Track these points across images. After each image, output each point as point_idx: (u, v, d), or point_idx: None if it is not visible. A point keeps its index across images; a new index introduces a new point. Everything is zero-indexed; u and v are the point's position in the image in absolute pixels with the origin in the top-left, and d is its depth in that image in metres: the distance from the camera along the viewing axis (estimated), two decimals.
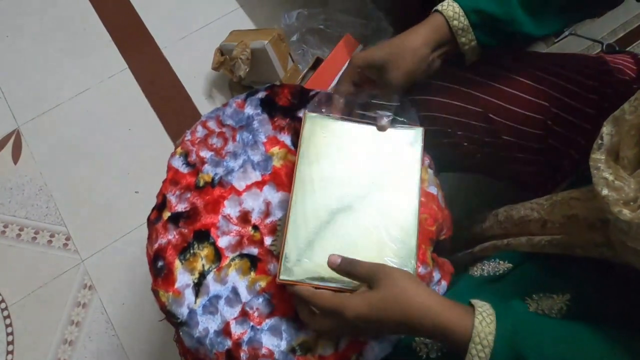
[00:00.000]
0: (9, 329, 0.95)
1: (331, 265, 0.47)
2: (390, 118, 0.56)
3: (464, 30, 0.51)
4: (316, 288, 0.48)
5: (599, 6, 0.57)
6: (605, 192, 0.39)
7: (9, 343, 0.93)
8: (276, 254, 0.54)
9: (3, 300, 0.96)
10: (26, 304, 0.96)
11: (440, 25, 0.51)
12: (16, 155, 1.10)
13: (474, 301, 0.43)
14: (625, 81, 0.58)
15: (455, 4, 0.51)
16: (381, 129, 0.56)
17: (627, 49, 0.85)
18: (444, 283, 0.55)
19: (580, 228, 0.47)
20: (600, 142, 0.41)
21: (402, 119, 0.57)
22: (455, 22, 0.51)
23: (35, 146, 1.10)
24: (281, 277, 0.50)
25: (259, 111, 0.63)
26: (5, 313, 0.96)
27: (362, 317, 0.43)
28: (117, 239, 1.01)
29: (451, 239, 0.59)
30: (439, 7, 0.52)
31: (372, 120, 0.57)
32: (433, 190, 0.58)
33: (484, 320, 0.40)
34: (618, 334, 0.39)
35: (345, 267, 0.47)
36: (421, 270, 0.53)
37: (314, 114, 0.58)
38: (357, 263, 0.47)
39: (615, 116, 0.41)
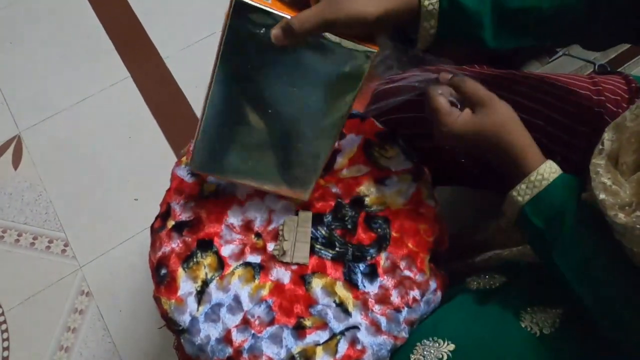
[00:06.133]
0: (5, 335, 0.94)
1: (442, 78, 0.51)
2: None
3: (431, 14, 0.46)
4: None
5: (567, 39, 0.58)
6: (602, 196, 0.40)
7: (4, 349, 0.93)
8: (279, 258, 0.55)
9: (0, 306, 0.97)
10: (23, 309, 0.96)
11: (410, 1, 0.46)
12: (16, 160, 1.10)
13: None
14: (617, 101, 0.60)
15: None
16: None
17: (619, 69, 0.88)
18: (439, 293, 0.56)
19: None
20: (601, 147, 0.42)
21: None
22: (427, 3, 0.46)
23: (35, 152, 1.11)
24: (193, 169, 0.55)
25: None
26: (2, 319, 0.95)
27: (457, 135, 0.48)
28: (116, 245, 1.01)
29: (447, 251, 0.61)
30: None
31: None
32: (431, 203, 0.60)
33: (551, 168, 0.46)
34: None
35: (456, 81, 0.49)
36: (418, 277, 0.55)
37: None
38: (466, 80, 0.49)
39: (616, 123, 0.42)
